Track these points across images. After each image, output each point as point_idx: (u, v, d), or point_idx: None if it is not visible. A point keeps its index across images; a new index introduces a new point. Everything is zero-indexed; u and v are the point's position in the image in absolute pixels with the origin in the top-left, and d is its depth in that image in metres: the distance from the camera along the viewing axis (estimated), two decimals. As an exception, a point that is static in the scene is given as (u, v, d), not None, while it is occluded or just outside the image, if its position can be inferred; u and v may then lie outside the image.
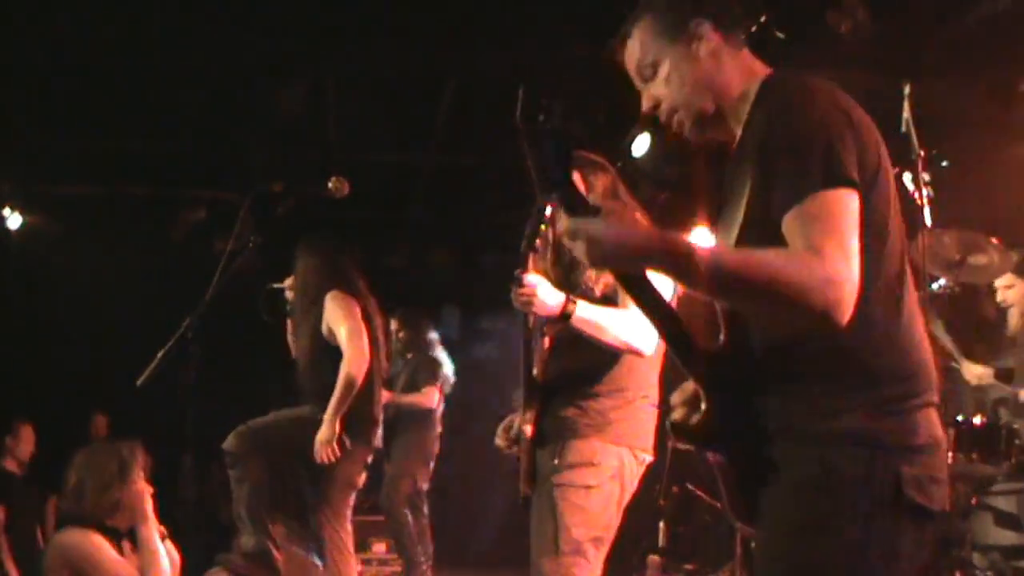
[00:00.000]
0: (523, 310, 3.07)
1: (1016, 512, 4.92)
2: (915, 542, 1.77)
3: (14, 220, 7.98)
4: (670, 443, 2.32)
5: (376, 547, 7.46)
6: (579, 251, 1.76)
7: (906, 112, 4.22)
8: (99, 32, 5.68)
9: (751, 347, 1.86)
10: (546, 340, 3.23)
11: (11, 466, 7.49)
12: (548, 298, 3.02)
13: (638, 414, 3.18)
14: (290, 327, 4.85)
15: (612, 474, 3.10)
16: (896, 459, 1.74)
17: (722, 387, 1.85)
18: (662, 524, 6.57)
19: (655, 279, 1.86)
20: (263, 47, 5.93)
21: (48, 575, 3.60)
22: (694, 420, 1.87)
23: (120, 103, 6.51)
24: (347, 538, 4.59)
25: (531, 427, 3.17)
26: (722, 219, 1.95)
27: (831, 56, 4.99)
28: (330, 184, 3.99)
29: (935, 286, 4.96)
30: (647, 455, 3.21)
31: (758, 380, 1.84)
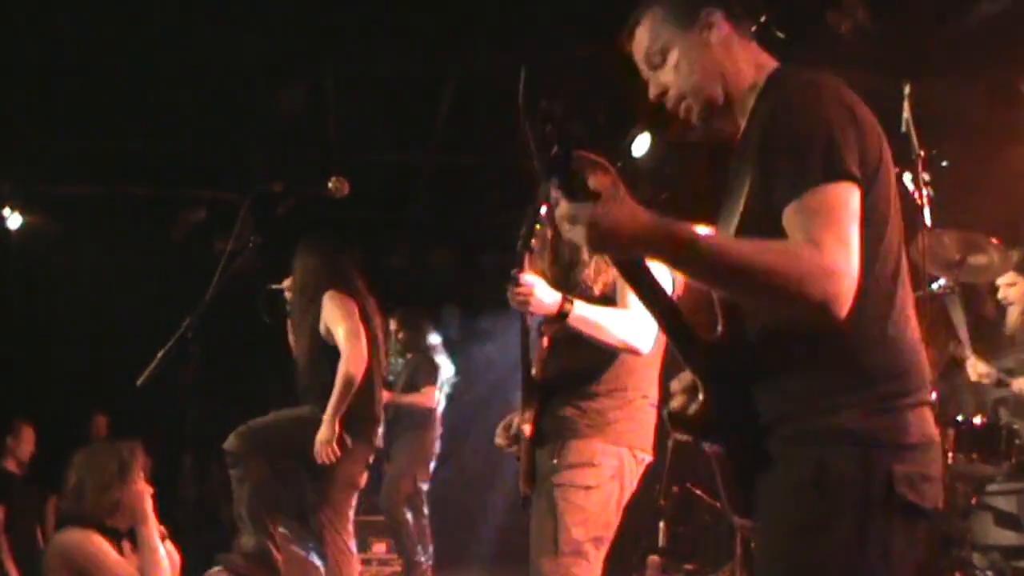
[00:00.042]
0: (520, 309, 3.07)
1: (1016, 512, 4.92)
2: (907, 540, 1.77)
3: (14, 220, 7.98)
4: (670, 443, 2.32)
5: (376, 547, 7.45)
6: (578, 235, 1.73)
7: (906, 112, 4.22)
8: (99, 32, 5.69)
9: (749, 338, 1.86)
10: (544, 340, 3.23)
11: (11, 466, 7.49)
12: (545, 297, 3.02)
13: (637, 414, 3.18)
14: (290, 327, 4.86)
15: (612, 474, 3.10)
16: (888, 457, 1.74)
17: (720, 378, 1.85)
18: (662, 524, 6.55)
19: (656, 270, 1.85)
20: (263, 47, 5.93)
21: (48, 575, 3.60)
22: (692, 410, 1.87)
23: (120, 103, 6.51)
24: (348, 539, 4.57)
25: (530, 427, 3.17)
26: (723, 211, 1.95)
27: (831, 56, 4.98)
28: (330, 184, 3.99)
29: (935, 286, 4.96)
30: (647, 455, 3.21)
31: (755, 371, 1.84)
